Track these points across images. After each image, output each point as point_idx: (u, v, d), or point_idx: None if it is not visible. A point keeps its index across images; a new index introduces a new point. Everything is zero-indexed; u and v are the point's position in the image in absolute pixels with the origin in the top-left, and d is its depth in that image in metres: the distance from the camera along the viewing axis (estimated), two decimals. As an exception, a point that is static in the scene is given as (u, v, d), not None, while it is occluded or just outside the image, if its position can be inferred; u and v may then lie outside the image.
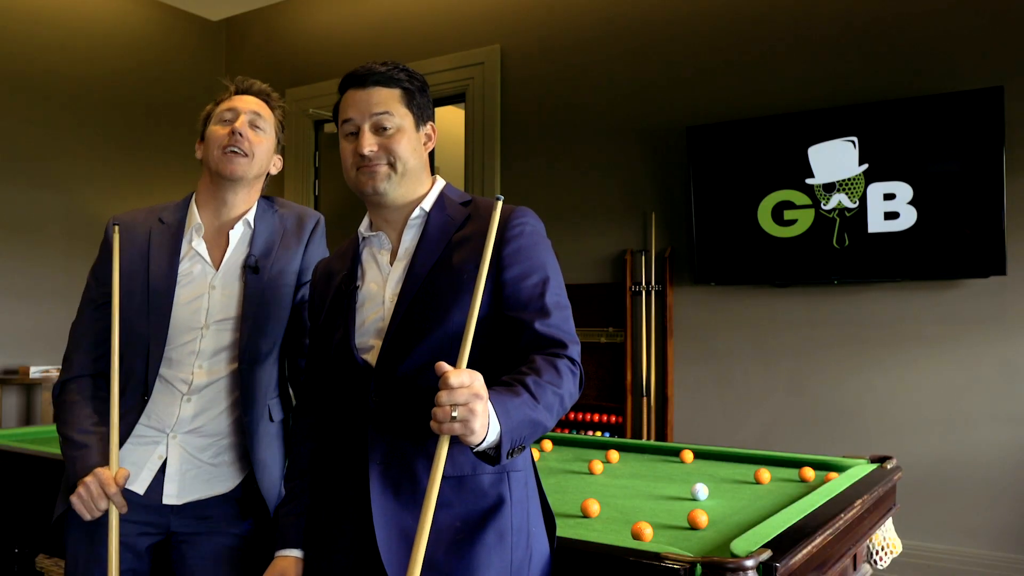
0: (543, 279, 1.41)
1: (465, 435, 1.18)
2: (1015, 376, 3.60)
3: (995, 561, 3.58)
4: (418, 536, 1.19)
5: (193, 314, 1.75)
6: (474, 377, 1.19)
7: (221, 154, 1.77)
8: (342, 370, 1.47)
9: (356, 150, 1.46)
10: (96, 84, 5.58)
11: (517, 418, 1.24)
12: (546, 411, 1.30)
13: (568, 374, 1.35)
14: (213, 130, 1.80)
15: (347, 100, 1.50)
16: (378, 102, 1.47)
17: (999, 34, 3.64)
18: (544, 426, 1.31)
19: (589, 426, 4.59)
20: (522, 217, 1.46)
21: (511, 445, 1.24)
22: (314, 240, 1.87)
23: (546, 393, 1.30)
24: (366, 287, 1.50)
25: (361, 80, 1.48)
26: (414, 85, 1.51)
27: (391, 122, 1.46)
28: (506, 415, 1.23)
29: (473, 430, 1.17)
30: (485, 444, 1.21)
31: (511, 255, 1.41)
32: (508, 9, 5.01)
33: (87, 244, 5.36)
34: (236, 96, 1.83)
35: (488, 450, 1.23)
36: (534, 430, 1.28)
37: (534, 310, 1.38)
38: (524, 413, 1.26)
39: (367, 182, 1.46)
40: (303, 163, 5.91)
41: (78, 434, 1.71)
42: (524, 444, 1.28)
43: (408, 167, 1.47)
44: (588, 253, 4.63)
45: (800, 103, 4.04)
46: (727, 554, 1.44)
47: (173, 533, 1.74)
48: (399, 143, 1.46)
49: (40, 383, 4.99)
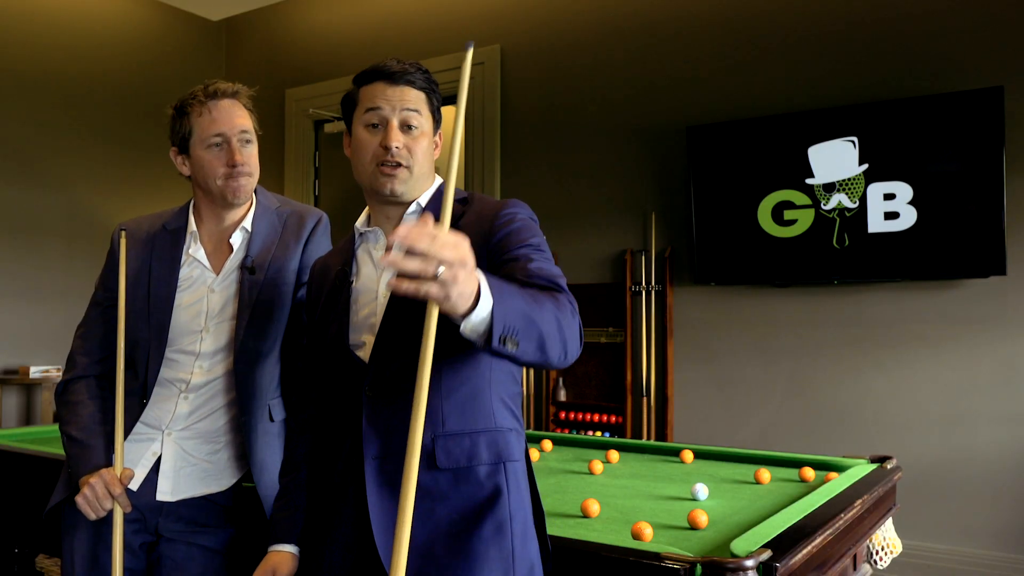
0: (532, 237, 1.41)
1: (440, 300, 1.04)
2: (1015, 376, 3.60)
3: (995, 561, 3.58)
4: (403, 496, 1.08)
5: (193, 317, 1.77)
6: (462, 239, 1.06)
7: (224, 183, 1.76)
8: (337, 365, 1.48)
9: (383, 142, 1.44)
10: (96, 84, 5.57)
11: (511, 303, 1.14)
12: (544, 322, 1.19)
13: (568, 307, 1.29)
14: (204, 157, 1.76)
15: (375, 91, 1.47)
16: (410, 100, 1.46)
17: (999, 34, 3.64)
18: (541, 335, 1.19)
19: (589, 426, 4.59)
20: (513, 207, 1.46)
21: (502, 329, 1.12)
22: (315, 239, 1.87)
23: (543, 306, 1.21)
24: (360, 283, 1.50)
25: (393, 76, 1.46)
26: (436, 93, 1.52)
27: (418, 121, 1.47)
28: (499, 293, 1.12)
29: (450, 296, 1.04)
30: (472, 322, 1.11)
31: (502, 239, 1.40)
32: (508, 9, 5.01)
33: (87, 244, 5.36)
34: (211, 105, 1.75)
35: (475, 333, 1.13)
36: (528, 327, 1.16)
37: (524, 254, 1.37)
38: (519, 302, 1.16)
39: (386, 183, 1.45)
40: (303, 163, 5.91)
41: (81, 433, 1.73)
42: (517, 339, 1.15)
43: (422, 170, 1.48)
44: (588, 253, 4.63)
45: (800, 103, 4.04)
46: (727, 554, 1.44)
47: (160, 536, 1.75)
48: (420, 145, 1.47)
49: (40, 383, 4.99)
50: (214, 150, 1.76)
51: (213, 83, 1.79)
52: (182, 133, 1.78)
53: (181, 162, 1.81)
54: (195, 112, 1.76)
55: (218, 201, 1.80)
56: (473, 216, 1.46)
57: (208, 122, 1.75)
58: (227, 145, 1.75)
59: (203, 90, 1.77)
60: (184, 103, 1.78)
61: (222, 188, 1.76)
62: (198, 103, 1.76)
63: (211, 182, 1.77)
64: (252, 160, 1.79)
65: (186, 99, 1.78)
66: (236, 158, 1.74)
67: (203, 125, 1.75)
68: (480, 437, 1.39)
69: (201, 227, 1.84)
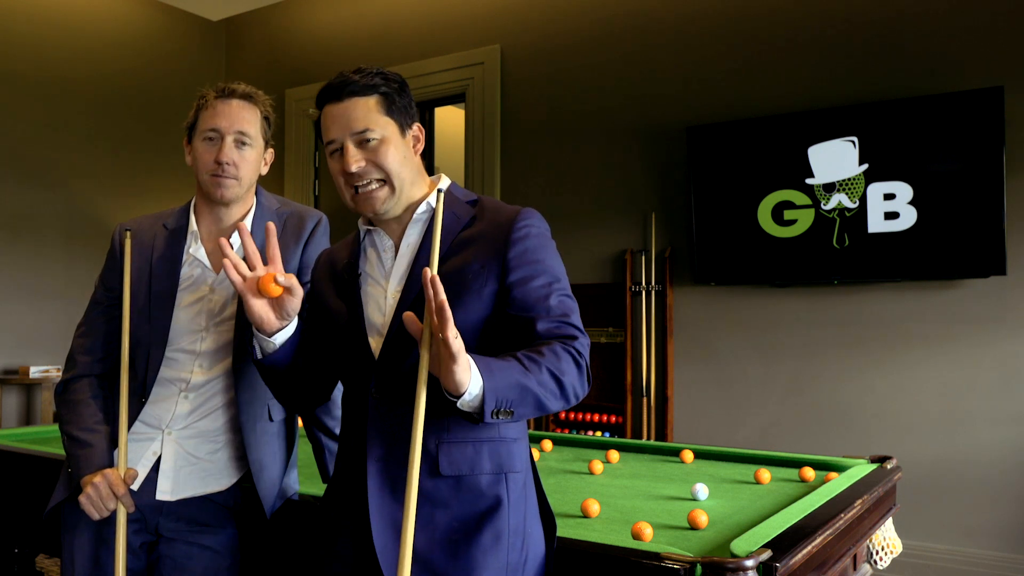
0: (549, 281, 1.39)
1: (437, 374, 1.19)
2: (1015, 376, 3.59)
3: (995, 561, 3.58)
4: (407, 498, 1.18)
5: (194, 317, 1.77)
6: (455, 337, 1.18)
7: (210, 179, 1.76)
8: (346, 357, 1.47)
9: (343, 168, 1.41)
10: (96, 84, 5.57)
11: (502, 379, 1.22)
12: (540, 385, 1.26)
13: (569, 359, 1.32)
14: (199, 149, 1.77)
15: (326, 117, 1.44)
16: (356, 117, 1.41)
17: (999, 34, 3.64)
18: (537, 398, 1.27)
19: (589, 426, 4.59)
20: (528, 219, 1.43)
21: (496, 404, 1.21)
22: (314, 239, 1.87)
23: (541, 369, 1.27)
24: (368, 281, 1.49)
25: (336, 93, 1.42)
26: (392, 88, 1.45)
27: (373, 134, 1.41)
28: (488, 373, 1.21)
29: (443, 380, 1.18)
30: (467, 400, 1.20)
31: (516, 257, 1.39)
32: (508, 9, 5.01)
33: (87, 244, 5.36)
34: (218, 102, 1.77)
35: (470, 407, 1.22)
36: (524, 397, 1.25)
37: (541, 310, 1.37)
38: (512, 376, 1.24)
39: (367, 207, 1.43)
40: (303, 163, 5.91)
41: (83, 432, 1.73)
42: (513, 410, 1.24)
43: (403, 179, 1.43)
44: (588, 253, 4.63)
45: (800, 103, 4.04)
46: (727, 554, 1.44)
47: (160, 536, 1.75)
48: (387, 155, 1.41)
49: (40, 383, 4.99)
50: (207, 143, 1.76)
51: (233, 83, 1.82)
52: (190, 122, 1.81)
53: (188, 151, 1.83)
54: (204, 105, 1.79)
55: (207, 198, 1.81)
56: (486, 225, 1.43)
57: (210, 115, 1.77)
58: (220, 141, 1.75)
59: (221, 87, 1.80)
60: (202, 95, 1.81)
61: (207, 184, 1.77)
62: (210, 97, 1.79)
63: (201, 175, 1.79)
64: (244, 164, 1.77)
65: (204, 92, 1.82)
66: (222, 156, 1.74)
67: (205, 117, 1.77)
68: (483, 446, 1.38)
69: (201, 227, 1.84)
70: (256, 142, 1.80)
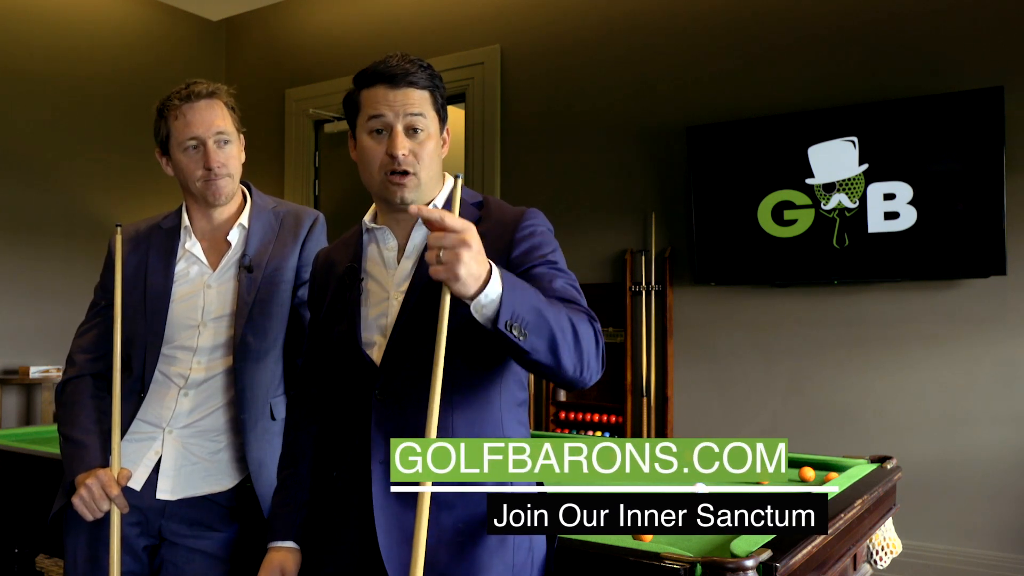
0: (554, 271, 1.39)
1: (449, 280, 1.14)
2: (1015, 376, 3.59)
3: (995, 561, 3.58)
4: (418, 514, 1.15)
5: (189, 311, 1.77)
6: (466, 226, 1.15)
7: (203, 185, 1.76)
8: (345, 364, 1.45)
9: (388, 150, 1.40)
10: (96, 84, 5.57)
11: (523, 296, 1.19)
12: (557, 323, 1.22)
13: (587, 326, 1.30)
14: (182, 160, 1.77)
15: (377, 96, 1.41)
16: (412, 104, 1.40)
17: (999, 34, 3.64)
18: (552, 334, 1.21)
19: (589, 426, 4.59)
20: (532, 219, 1.43)
21: (510, 315, 1.16)
22: (312, 238, 1.87)
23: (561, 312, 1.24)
24: (370, 281, 1.47)
25: (394, 79, 1.40)
26: (440, 88, 1.47)
27: (423, 125, 1.42)
28: (510, 284, 1.18)
29: (457, 276, 1.13)
30: (483, 303, 1.16)
31: (521, 255, 1.39)
32: (508, 9, 5.00)
33: (87, 244, 5.35)
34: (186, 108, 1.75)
35: (484, 317, 1.18)
36: (539, 324, 1.20)
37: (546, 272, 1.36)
38: (533, 299, 1.20)
39: (396, 192, 1.41)
40: (303, 163, 5.91)
41: (77, 433, 1.72)
42: (527, 332, 1.18)
43: (430, 174, 1.44)
44: (588, 253, 4.63)
45: (800, 103, 4.04)
46: (727, 554, 1.44)
47: (163, 539, 1.74)
48: (427, 149, 1.42)
49: (40, 383, 4.99)
50: (190, 153, 1.76)
51: (190, 84, 1.79)
52: (162, 136, 1.80)
53: (165, 163, 1.83)
54: (172, 115, 1.77)
55: (201, 202, 1.82)
56: (492, 225, 1.43)
57: (183, 125, 1.75)
58: (203, 147, 1.75)
59: (179, 92, 1.77)
60: (162, 105, 1.79)
61: (202, 190, 1.78)
62: (174, 106, 1.76)
63: (191, 184, 1.79)
64: (231, 161, 1.78)
65: (164, 101, 1.79)
66: (211, 161, 1.74)
67: (179, 128, 1.76)
68: None
69: (195, 226, 1.85)
70: (233, 135, 1.81)
